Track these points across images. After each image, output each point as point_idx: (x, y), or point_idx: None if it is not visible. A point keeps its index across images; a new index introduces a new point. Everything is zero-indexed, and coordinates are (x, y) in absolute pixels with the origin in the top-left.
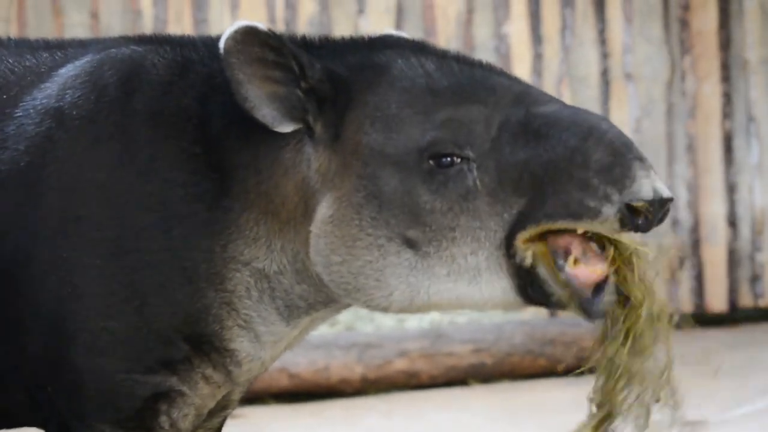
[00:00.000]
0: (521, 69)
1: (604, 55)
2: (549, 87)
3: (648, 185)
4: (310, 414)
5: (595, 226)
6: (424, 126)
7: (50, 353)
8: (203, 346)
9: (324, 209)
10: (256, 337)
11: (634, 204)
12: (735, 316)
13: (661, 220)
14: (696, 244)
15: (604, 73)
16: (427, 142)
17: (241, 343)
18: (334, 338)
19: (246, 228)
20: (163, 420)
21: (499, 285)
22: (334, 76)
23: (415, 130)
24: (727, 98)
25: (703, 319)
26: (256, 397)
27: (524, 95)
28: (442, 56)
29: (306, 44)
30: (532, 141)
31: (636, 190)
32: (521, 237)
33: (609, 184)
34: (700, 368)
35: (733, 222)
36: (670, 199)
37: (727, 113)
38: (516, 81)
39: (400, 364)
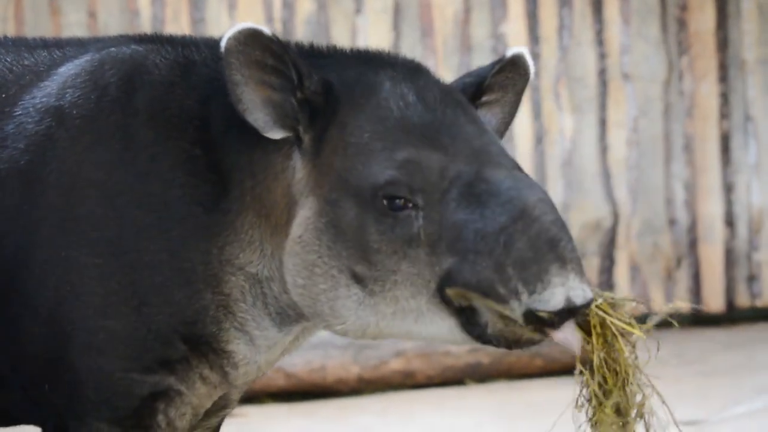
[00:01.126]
0: None
1: (602, 56)
2: (546, 87)
3: (560, 294)
4: (306, 413)
5: (503, 310)
6: (386, 163)
7: (48, 352)
8: (201, 346)
9: (295, 227)
10: (251, 340)
11: (538, 313)
12: (732, 316)
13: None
14: (693, 244)
15: (602, 73)
16: (384, 180)
17: (237, 346)
18: (330, 338)
19: (242, 231)
20: (161, 419)
21: (444, 324)
22: (329, 91)
23: (377, 166)
24: (725, 98)
25: (700, 318)
26: (252, 397)
27: (481, 153)
28: (426, 87)
29: (313, 53)
30: (473, 205)
31: (545, 299)
32: (450, 291)
33: (521, 281)
34: (698, 368)
35: (730, 221)
36: (587, 305)
37: (724, 113)
38: (480, 133)
39: (396, 364)
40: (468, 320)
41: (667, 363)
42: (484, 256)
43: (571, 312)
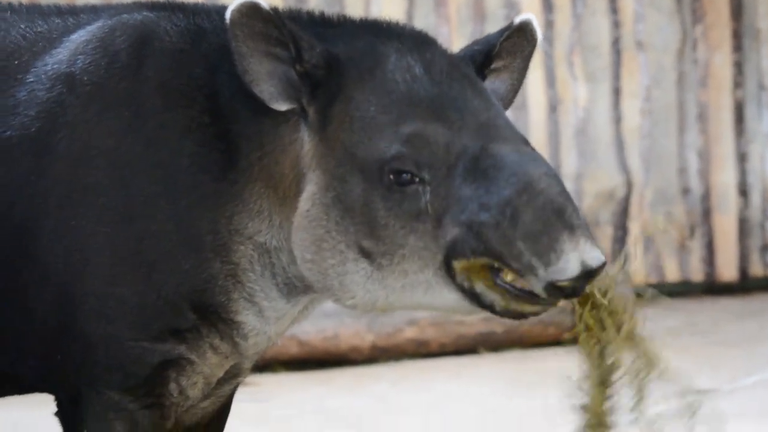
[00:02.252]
0: None
1: (616, 24)
2: (560, 56)
3: (575, 260)
4: (320, 382)
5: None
6: (392, 138)
7: (59, 320)
8: (210, 316)
9: (303, 201)
10: (260, 311)
11: (559, 284)
12: (745, 285)
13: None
14: (707, 213)
15: (615, 42)
16: (391, 155)
17: (246, 316)
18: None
19: (250, 201)
20: (173, 387)
21: (450, 296)
22: (332, 62)
23: (383, 140)
24: (739, 67)
25: (713, 288)
26: (265, 365)
27: (487, 127)
28: (433, 60)
29: (323, 22)
30: (479, 179)
31: (562, 268)
32: (457, 265)
33: (534, 255)
34: (711, 337)
35: (744, 191)
36: (602, 266)
37: (738, 82)
38: (487, 107)
39: (410, 333)
40: (473, 300)
41: (680, 332)
42: (489, 228)
43: (588, 275)
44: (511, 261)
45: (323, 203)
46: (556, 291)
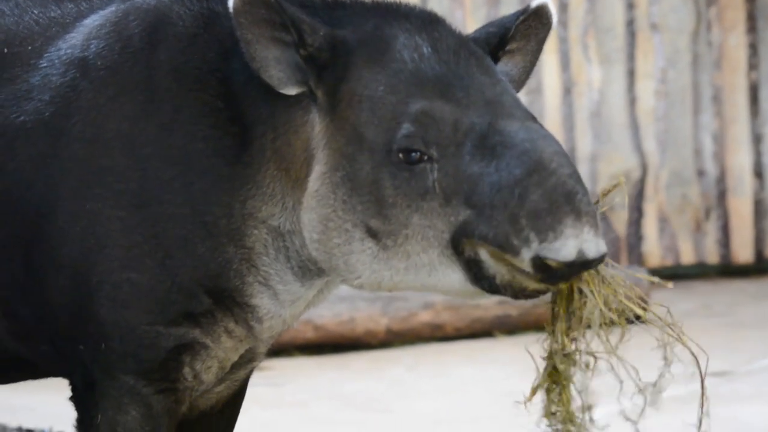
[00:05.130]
0: None
1: (630, 6)
2: (574, 38)
3: (572, 246)
4: (336, 366)
5: (518, 264)
6: (401, 117)
7: (74, 304)
8: (225, 300)
9: (312, 182)
10: (275, 294)
11: (546, 261)
12: (761, 267)
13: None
14: (722, 195)
15: (630, 24)
16: (400, 134)
17: (261, 300)
18: (359, 290)
19: (263, 184)
20: (187, 371)
21: (455, 277)
22: (338, 45)
23: (392, 120)
24: (753, 49)
25: (729, 270)
26: (281, 349)
27: (493, 104)
28: (440, 39)
29: (332, 4)
30: (487, 157)
31: (555, 248)
32: (466, 242)
33: (533, 230)
34: (726, 319)
35: (759, 173)
36: (600, 259)
37: (753, 64)
38: (493, 84)
39: (425, 316)
40: (476, 275)
41: (695, 314)
42: (499, 210)
43: (584, 265)
44: (514, 238)
45: (332, 182)
46: (542, 267)
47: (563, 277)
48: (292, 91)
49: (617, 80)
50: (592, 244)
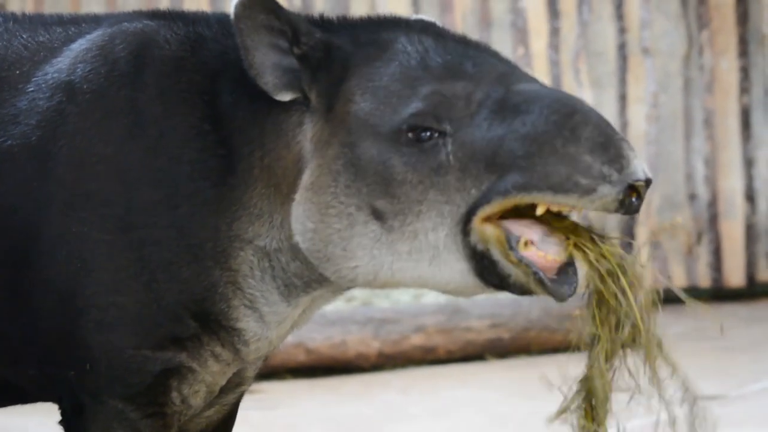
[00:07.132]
0: (538, 44)
1: (621, 30)
2: (566, 62)
3: (640, 166)
4: (327, 389)
5: (584, 203)
6: (409, 100)
7: (61, 328)
8: (211, 324)
9: (306, 177)
10: (261, 317)
11: (636, 184)
12: (753, 291)
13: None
14: (713, 219)
15: (621, 48)
16: (409, 113)
17: (247, 323)
18: (350, 313)
19: (250, 205)
20: (174, 396)
21: (457, 267)
22: (332, 47)
23: (400, 103)
24: (745, 73)
25: (720, 293)
26: (273, 373)
27: (507, 75)
28: (442, 35)
29: (323, 23)
30: (509, 117)
31: (633, 171)
32: (482, 213)
33: (606, 163)
34: (718, 343)
35: (750, 196)
36: (651, 180)
37: (744, 88)
38: (504, 62)
39: (417, 340)
40: (485, 269)
41: (687, 337)
42: (544, 155)
43: (648, 184)
44: (581, 178)
45: (332, 170)
46: (631, 195)
47: (638, 205)
48: (286, 96)
49: (609, 104)
50: (645, 166)
